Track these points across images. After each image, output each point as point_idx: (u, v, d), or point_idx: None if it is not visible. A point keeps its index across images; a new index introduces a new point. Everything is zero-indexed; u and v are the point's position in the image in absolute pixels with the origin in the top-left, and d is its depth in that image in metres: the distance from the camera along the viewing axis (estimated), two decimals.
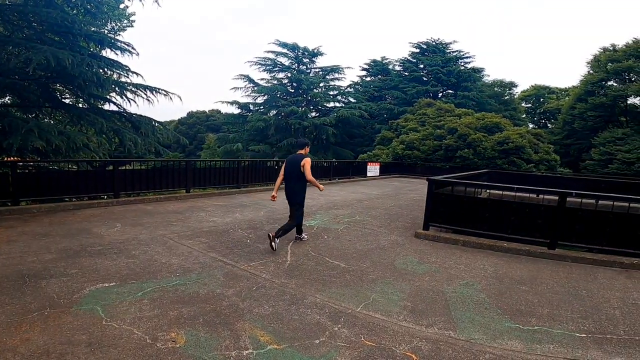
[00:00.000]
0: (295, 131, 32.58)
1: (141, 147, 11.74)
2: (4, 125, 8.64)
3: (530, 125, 40.97)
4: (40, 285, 3.83)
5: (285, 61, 35.77)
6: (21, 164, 8.93)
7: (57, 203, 7.88)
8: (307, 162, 5.73)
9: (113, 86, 11.38)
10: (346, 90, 38.06)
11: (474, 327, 3.41)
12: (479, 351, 3.00)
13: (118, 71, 11.37)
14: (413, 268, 5.07)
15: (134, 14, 18.12)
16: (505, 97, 40.93)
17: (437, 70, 36.44)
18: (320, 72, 36.66)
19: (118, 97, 12.27)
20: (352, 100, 37.28)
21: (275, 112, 34.31)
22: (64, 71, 9.33)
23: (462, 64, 38.39)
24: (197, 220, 7.40)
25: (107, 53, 11.89)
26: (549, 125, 42.65)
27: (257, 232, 6.71)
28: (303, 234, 6.24)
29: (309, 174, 5.71)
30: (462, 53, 38.57)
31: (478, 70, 38.12)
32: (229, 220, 7.60)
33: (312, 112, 35.55)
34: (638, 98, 28.54)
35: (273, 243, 5.38)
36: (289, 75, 35.07)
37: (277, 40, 34.97)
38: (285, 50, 35.34)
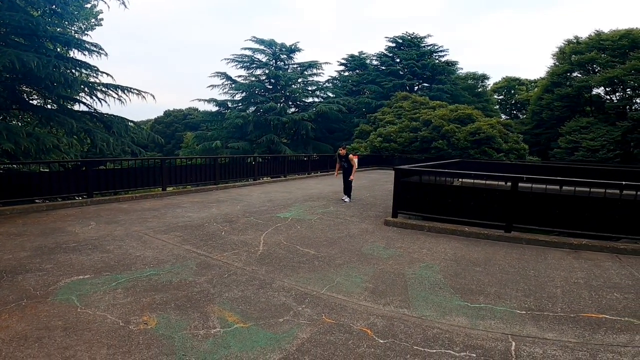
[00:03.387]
0: (274, 127, 32.59)
1: (114, 147, 11.64)
2: None
3: (503, 116, 42.27)
4: (17, 279, 3.95)
5: (263, 58, 35.61)
6: None
7: (29, 204, 7.84)
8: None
9: (82, 86, 11.21)
10: (324, 86, 38.27)
11: (426, 305, 3.71)
12: (428, 326, 3.29)
13: (87, 71, 11.21)
14: (379, 253, 5.40)
15: (101, 12, 17.79)
16: (478, 90, 42.06)
17: (413, 64, 37.08)
18: (298, 68, 36.69)
19: (88, 98, 12.13)
20: (330, 95, 37.52)
21: (253, 108, 34.18)
22: (30, 73, 9.17)
23: (437, 57, 39.14)
24: (172, 216, 7.53)
25: (75, 54, 11.71)
26: (519, 115, 44.14)
27: (233, 225, 6.91)
28: (345, 198, 9.98)
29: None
30: (436, 47, 39.36)
31: (452, 64, 38.98)
32: (204, 215, 7.76)
33: (290, 107, 35.57)
34: (601, 88, 29.97)
35: (344, 199, 9.90)
36: (267, 71, 34.92)
37: (254, 37, 34.80)
38: (262, 47, 35.19)
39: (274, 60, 35.98)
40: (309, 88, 37.04)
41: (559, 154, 27.95)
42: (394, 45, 39.76)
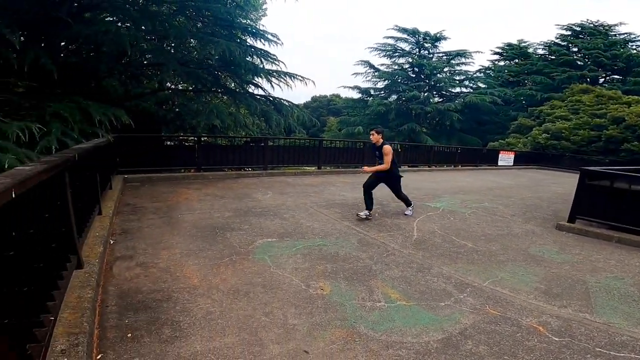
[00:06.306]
0: (416, 116, 31.82)
1: (282, 127, 13.56)
2: (196, 107, 11.13)
3: None
4: (226, 236, 4.92)
5: (406, 46, 34.75)
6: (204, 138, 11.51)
7: (223, 172, 9.96)
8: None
9: (262, 73, 13.23)
10: (475, 75, 35.17)
11: (615, 314, 3.29)
12: (615, 333, 2.95)
13: (268, 60, 13.16)
14: (550, 256, 4.87)
15: (265, 3, 20.11)
16: None
17: (598, 54, 30.40)
18: (445, 57, 34.59)
19: (264, 83, 14.26)
20: (481, 85, 34.31)
21: (395, 97, 34.10)
22: (231, 61, 11.34)
23: (634, 47, 31.21)
24: (329, 194, 8.34)
25: (255, 42, 13.80)
26: None
27: (384, 208, 7.23)
28: (362, 213, 6.24)
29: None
30: (632, 35, 31.35)
31: None
32: (357, 195, 8.27)
33: (435, 97, 34.01)
34: None
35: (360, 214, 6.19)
36: (410, 60, 34.09)
37: (396, 26, 34.24)
38: (405, 36, 34.31)
39: (417, 49, 34.75)
40: (457, 77, 34.65)
41: None
42: (568, 33, 33.55)
